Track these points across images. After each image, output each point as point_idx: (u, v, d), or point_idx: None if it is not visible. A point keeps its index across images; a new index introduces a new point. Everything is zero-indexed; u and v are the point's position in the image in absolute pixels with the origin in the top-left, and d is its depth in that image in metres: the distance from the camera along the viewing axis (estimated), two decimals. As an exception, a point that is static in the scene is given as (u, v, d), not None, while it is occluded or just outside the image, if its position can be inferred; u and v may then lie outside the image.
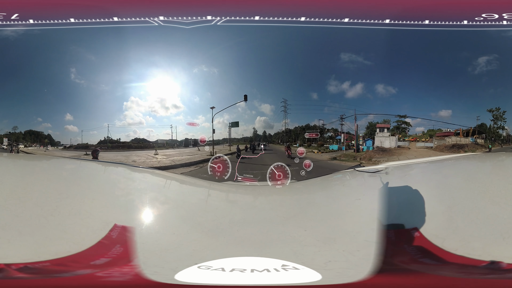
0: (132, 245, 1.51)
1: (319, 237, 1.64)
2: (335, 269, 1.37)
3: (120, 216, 1.75)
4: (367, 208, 1.91)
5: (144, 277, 1.32)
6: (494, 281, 1.35)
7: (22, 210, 1.68)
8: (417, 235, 1.56)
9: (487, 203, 1.79)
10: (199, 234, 1.71)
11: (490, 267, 1.37)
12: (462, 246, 1.46)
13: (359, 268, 1.36)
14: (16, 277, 1.26)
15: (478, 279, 1.35)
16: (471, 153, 3.03)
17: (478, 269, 1.38)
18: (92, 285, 1.31)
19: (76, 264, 1.36)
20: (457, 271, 1.38)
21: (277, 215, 1.98)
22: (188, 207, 2.12)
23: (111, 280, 1.34)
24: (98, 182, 2.47)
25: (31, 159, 2.96)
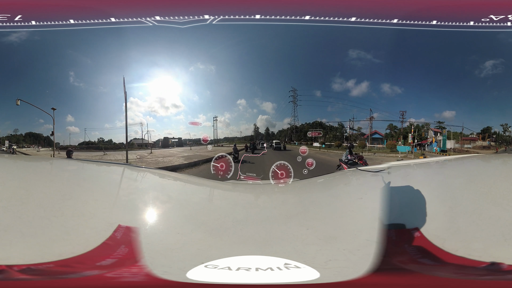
0: (137, 245, 1.52)
1: (321, 235, 1.65)
2: (334, 268, 1.38)
3: (123, 216, 1.76)
4: (368, 207, 1.91)
5: (155, 277, 1.33)
6: (494, 282, 1.35)
7: (25, 212, 1.68)
8: (418, 235, 1.56)
9: (489, 204, 1.79)
10: (203, 233, 1.72)
11: (491, 268, 1.37)
12: (463, 247, 1.47)
13: (358, 267, 1.38)
14: (18, 278, 1.26)
15: (477, 280, 1.35)
16: (475, 154, 3.06)
17: (478, 270, 1.38)
18: (102, 286, 1.32)
19: (81, 265, 1.37)
20: (456, 272, 1.38)
21: (279, 213, 1.99)
22: (192, 206, 2.13)
23: (122, 281, 1.35)
24: (100, 183, 2.48)
25: (33, 160, 2.97)
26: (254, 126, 3.12)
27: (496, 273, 1.36)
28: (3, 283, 1.25)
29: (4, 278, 1.25)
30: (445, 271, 1.39)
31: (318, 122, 3.15)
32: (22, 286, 1.27)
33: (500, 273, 1.36)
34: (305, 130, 3.21)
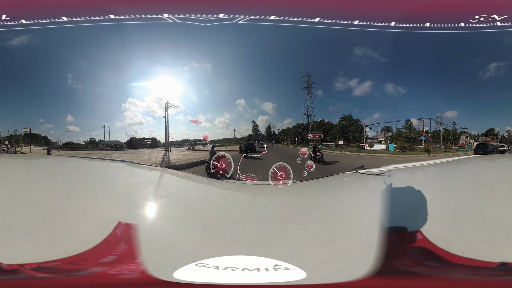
0: (136, 242, 1.53)
1: (318, 238, 1.64)
2: (326, 271, 1.37)
3: (123, 213, 1.78)
4: (369, 210, 1.90)
5: (148, 275, 1.34)
6: (508, 282, 1.33)
7: (28, 210, 1.70)
8: (421, 238, 1.55)
9: (491, 205, 1.78)
10: (199, 231, 1.73)
11: (502, 268, 1.37)
12: (468, 248, 1.46)
13: (356, 269, 1.36)
14: (33, 277, 1.28)
15: (490, 280, 1.34)
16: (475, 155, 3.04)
17: (489, 271, 1.37)
18: (105, 283, 1.33)
19: (86, 262, 1.39)
20: (466, 273, 1.37)
21: (277, 215, 1.98)
22: (190, 204, 2.14)
23: (121, 277, 1.36)
24: (101, 180, 2.50)
25: (34, 158, 3.01)
26: (253, 123, 2.91)
27: (508, 273, 1.35)
28: (17, 282, 1.27)
29: (17, 278, 1.27)
30: (455, 273, 1.37)
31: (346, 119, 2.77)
32: (35, 284, 1.29)
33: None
34: (326, 129, 2.79)
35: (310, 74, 2.65)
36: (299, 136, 2.86)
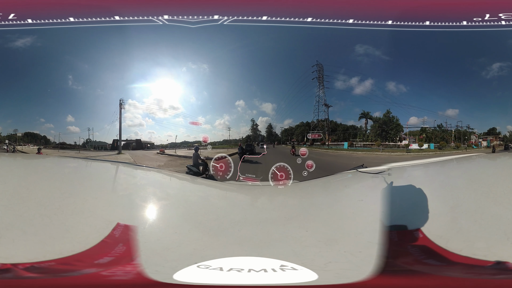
0: (134, 244, 1.52)
1: (321, 238, 1.64)
2: (334, 270, 1.36)
3: (122, 214, 1.76)
4: (369, 209, 1.89)
5: (145, 276, 1.33)
6: (502, 281, 1.34)
7: (26, 210, 1.69)
8: (420, 236, 1.56)
9: (490, 204, 1.79)
10: (200, 233, 1.71)
11: (497, 267, 1.37)
12: (466, 246, 1.46)
13: (359, 269, 1.36)
14: (25, 276, 1.27)
15: (486, 279, 1.35)
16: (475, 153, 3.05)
17: (485, 270, 1.38)
18: (97, 284, 1.32)
19: (81, 263, 1.37)
20: (463, 272, 1.37)
21: (278, 215, 1.97)
22: (190, 206, 2.13)
23: (114, 279, 1.35)
24: (100, 181, 2.48)
25: (33, 158, 3.00)
26: (252, 122, 2.77)
27: (503, 272, 1.35)
28: (10, 281, 1.26)
29: (10, 277, 1.26)
30: (453, 271, 1.38)
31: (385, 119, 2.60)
32: (26, 284, 1.28)
33: (507, 272, 1.36)
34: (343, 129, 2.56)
35: (321, 64, 2.50)
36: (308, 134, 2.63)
